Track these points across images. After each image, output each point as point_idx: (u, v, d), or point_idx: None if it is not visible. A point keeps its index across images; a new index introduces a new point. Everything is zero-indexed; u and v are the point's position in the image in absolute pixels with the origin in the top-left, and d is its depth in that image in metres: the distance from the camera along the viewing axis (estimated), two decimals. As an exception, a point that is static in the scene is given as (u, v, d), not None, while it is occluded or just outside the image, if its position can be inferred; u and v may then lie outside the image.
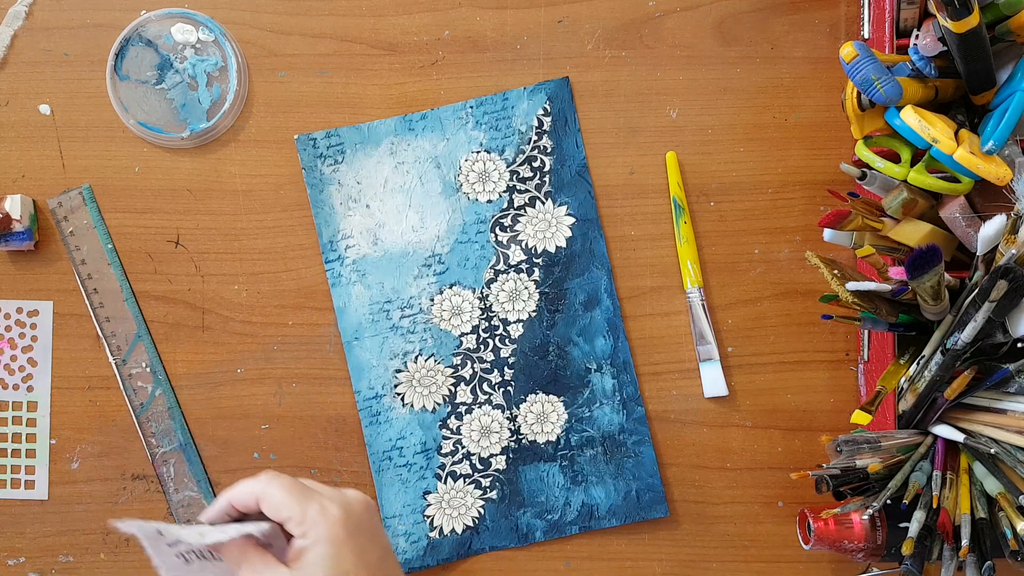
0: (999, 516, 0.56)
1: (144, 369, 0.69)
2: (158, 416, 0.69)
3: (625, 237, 0.69)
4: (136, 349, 0.68)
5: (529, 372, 0.69)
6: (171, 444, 0.69)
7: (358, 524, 0.49)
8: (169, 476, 0.69)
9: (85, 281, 0.67)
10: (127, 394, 0.69)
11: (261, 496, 0.48)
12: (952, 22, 0.53)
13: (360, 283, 0.69)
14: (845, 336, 0.69)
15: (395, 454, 0.69)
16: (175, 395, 0.69)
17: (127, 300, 0.68)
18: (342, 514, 0.48)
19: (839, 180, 0.69)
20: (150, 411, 0.68)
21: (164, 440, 0.69)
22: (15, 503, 0.70)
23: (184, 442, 0.69)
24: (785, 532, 0.69)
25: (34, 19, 0.70)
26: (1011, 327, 0.54)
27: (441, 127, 0.69)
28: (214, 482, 0.70)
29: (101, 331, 0.68)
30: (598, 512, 0.69)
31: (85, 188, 0.68)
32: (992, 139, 0.55)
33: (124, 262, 0.69)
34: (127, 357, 0.68)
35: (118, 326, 0.68)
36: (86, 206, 0.66)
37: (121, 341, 0.68)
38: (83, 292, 0.68)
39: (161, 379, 0.69)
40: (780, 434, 0.69)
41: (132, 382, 0.69)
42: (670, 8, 0.69)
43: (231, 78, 0.69)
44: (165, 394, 0.69)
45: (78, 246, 0.68)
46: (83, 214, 0.67)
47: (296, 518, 0.47)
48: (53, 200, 0.68)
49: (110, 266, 0.67)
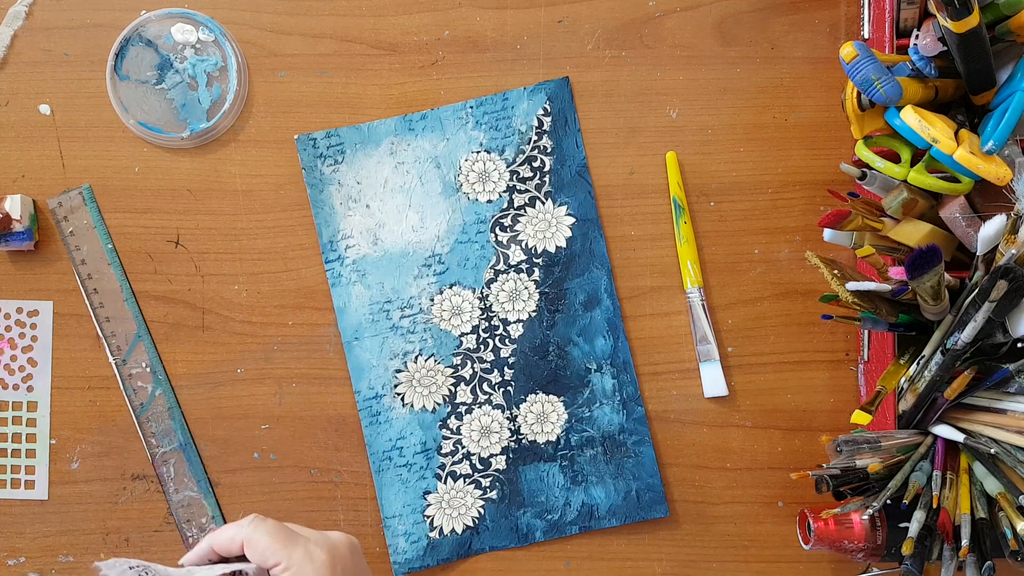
0: (999, 516, 0.56)
1: (144, 369, 0.69)
2: (158, 416, 0.69)
3: (625, 237, 0.69)
4: (136, 349, 0.68)
5: (529, 372, 0.69)
6: (171, 444, 0.69)
7: (344, 567, 0.50)
8: (169, 476, 0.69)
9: (85, 281, 0.67)
10: (127, 394, 0.69)
11: (247, 541, 0.48)
12: (952, 22, 0.53)
13: (360, 283, 0.69)
14: (845, 336, 0.69)
15: (395, 454, 0.69)
16: (175, 395, 0.69)
17: (127, 300, 0.68)
18: (328, 557, 0.49)
19: (839, 180, 0.69)
20: (150, 411, 0.68)
21: (164, 440, 0.69)
22: (15, 503, 0.70)
23: (184, 442, 0.69)
24: (785, 532, 0.69)
25: (34, 19, 0.70)
26: (1011, 327, 0.54)
27: (441, 127, 0.69)
28: (214, 482, 0.70)
29: (101, 331, 0.68)
30: (598, 512, 0.69)
31: (85, 188, 0.68)
32: (992, 139, 0.55)
33: (124, 262, 0.70)
34: (127, 357, 0.68)
35: (118, 326, 0.68)
36: (86, 206, 0.66)
37: (121, 341, 0.68)
38: (83, 292, 0.68)
39: (161, 379, 0.69)
40: (780, 434, 0.69)
41: (132, 382, 0.69)
42: (670, 8, 0.69)
43: (231, 78, 0.69)
44: (165, 394, 0.69)
45: (78, 246, 0.68)
46: (83, 214, 0.67)
47: (283, 563, 0.48)
48: (53, 200, 0.69)
49: (110, 266, 0.67)
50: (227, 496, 0.70)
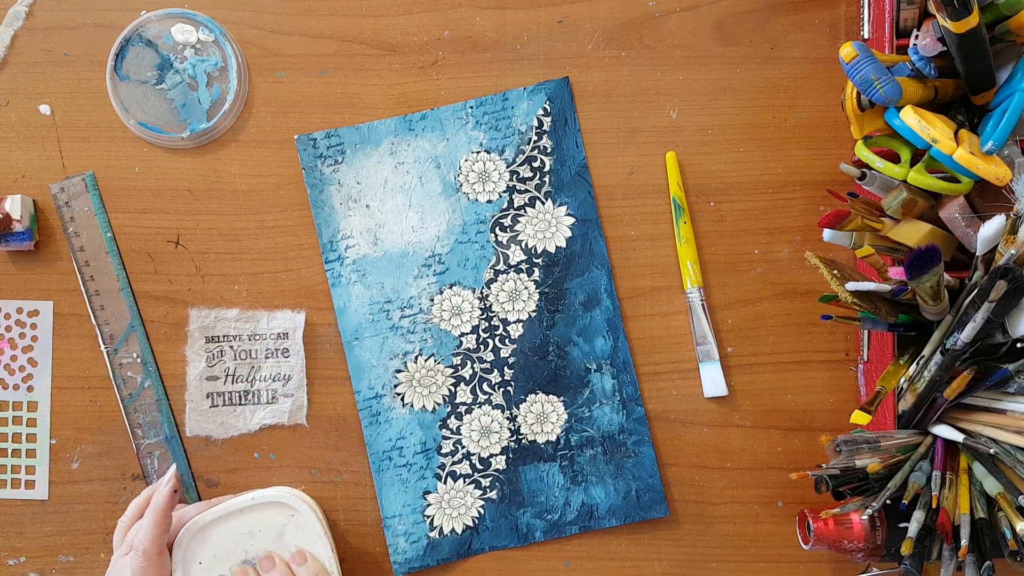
0: (998, 516, 0.56)
1: (135, 360, 0.69)
2: (145, 407, 0.68)
3: (625, 237, 0.69)
4: (129, 340, 0.68)
5: (529, 372, 0.69)
6: (157, 436, 0.69)
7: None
8: (153, 468, 0.69)
9: (83, 268, 0.67)
10: (115, 383, 0.68)
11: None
12: (952, 22, 0.53)
13: (360, 283, 0.69)
14: (845, 336, 0.69)
15: (395, 454, 0.69)
16: (164, 388, 0.69)
17: (123, 290, 0.68)
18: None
19: (839, 180, 0.69)
20: (138, 401, 0.68)
21: (150, 432, 0.69)
22: (15, 503, 0.70)
23: (170, 435, 0.69)
24: (785, 532, 0.69)
25: (34, 19, 0.70)
26: (1011, 327, 0.54)
27: (441, 127, 0.69)
28: (215, 482, 0.70)
29: (95, 319, 0.68)
30: (598, 512, 0.69)
31: (88, 175, 0.67)
32: (992, 139, 0.55)
33: (125, 262, 0.70)
34: (119, 347, 0.67)
35: (112, 315, 0.68)
36: (88, 193, 0.66)
37: (115, 330, 0.68)
38: (80, 280, 0.67)
39: (151, 371, 0.69)
40: (780, 434, 0.69)
41: (122, 372, 0.68)
42: (670, 8, 0.69)
43: (231, 78, 0.69)
44: (154, 386, 0.69)
45: (77, 233, 0.68)
46: (84, 200, 0.66)
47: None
48: (56, 185, 0.68)
49: (108, 255, 0.67)
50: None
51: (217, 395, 0.69)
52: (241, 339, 0.68)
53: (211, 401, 0.68)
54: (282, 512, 0.64)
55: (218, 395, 0.69)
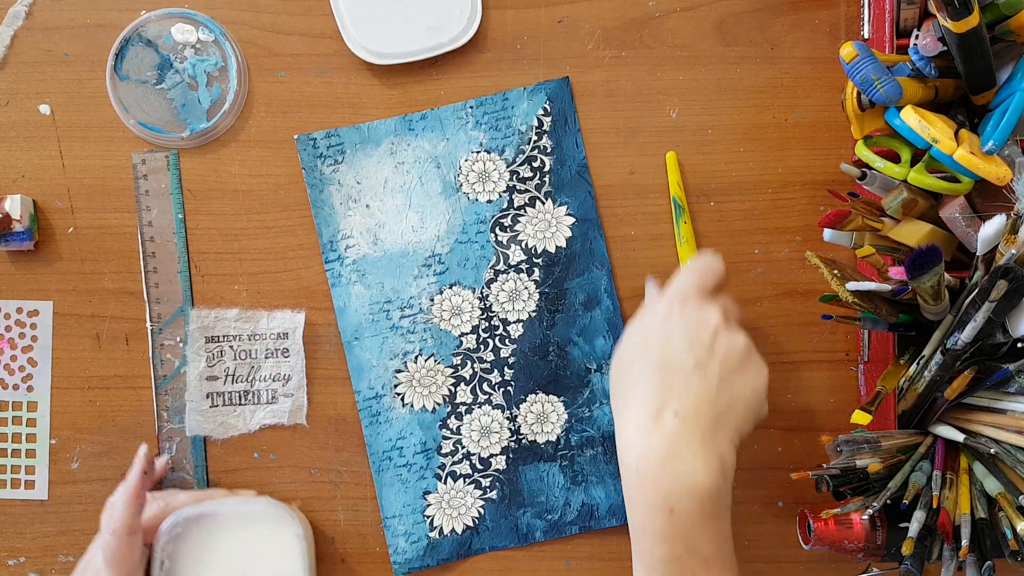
0: (999, 516, 0.56)
1: (176, 343, 0.69)
2: (176, 392, 0.69)
3: (625, 237, 0.69)
4: (175, 323, 0.68)
5: (529, 372, 0.69)
6: (180, 423, 0.69)
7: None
8: (171, 453, 0.69)
9: (146, 243, 0.67)
10: (153, 362, 0.69)
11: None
12: (952, 22, 0.53)
13: (360, 283, 0.69)
14: (845, 336, 0.69)
15: (395, 454, 0.69)
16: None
17: (181, 273, 0.68)
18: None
19: (839, 180, 0.69)
20: (171, 385, 0.68)
21: (175, 417, 0.69)
22: (15, 503, 0.70)
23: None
24: (785, 532, 0.69)
25: (34, 19, 0.70)
26: (1011, 327, 0.54)
27: (441, 127, 0.69)
28: (213, 482, 0.70)
29: (147, 296, 0.68)
30: (598, 512, 0.69)
31: (172, 154, 0.67)
32: (992, 139, 0.55)
33: (123, 263, 0.69)
34: (164, 327, 0.68)
35: (164, 295, 0.68)
36: (168, 171, 0.66)
37: (163, 311, 0.68)
38: (141, 254, 0.68)
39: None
40: (780, 434, 0.69)
41: (162, 353, 0.69)
42: (670, 8, 0.69)
43: (231, 78, 0.69)
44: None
45: (149, 207, 0.68)
46: (163, 178, 0.67)
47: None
48: (137, 156, 0.68)
49: (175, 235, 0.68)
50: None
51: (217, 395, 0.69)
52: (241, 339, 0.68)
53: (211, 401, 0.68)
54: (266, 526, 0.65)
55: (218, 395, 0.69)
